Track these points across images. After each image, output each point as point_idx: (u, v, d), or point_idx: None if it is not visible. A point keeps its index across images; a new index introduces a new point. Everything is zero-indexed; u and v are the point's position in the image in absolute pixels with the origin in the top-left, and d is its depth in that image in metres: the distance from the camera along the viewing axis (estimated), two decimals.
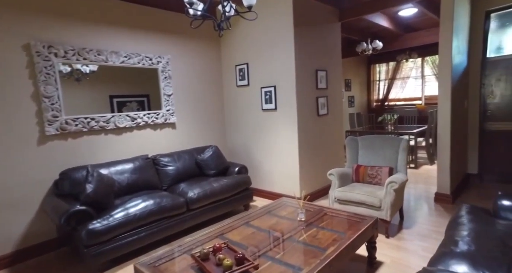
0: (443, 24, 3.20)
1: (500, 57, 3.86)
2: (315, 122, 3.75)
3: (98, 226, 2.16)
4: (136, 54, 3.20)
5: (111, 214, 2.27)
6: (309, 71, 3.63)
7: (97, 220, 2.19)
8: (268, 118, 3.77)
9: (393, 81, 7.79)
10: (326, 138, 3.94)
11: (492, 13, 3.87)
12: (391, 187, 2.58)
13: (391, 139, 3.04)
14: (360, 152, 3.22)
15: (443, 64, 3.25)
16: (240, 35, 3.93)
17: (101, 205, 2.30)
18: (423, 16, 5.08)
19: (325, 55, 3.88)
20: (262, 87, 3.77)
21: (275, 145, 3.74)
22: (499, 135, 3.94)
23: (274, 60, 3.59)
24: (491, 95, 3.96)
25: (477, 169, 4.11)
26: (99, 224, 2.17)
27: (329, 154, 4.02)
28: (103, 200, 2.31)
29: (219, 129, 4.27)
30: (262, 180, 3.98)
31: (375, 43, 5.01)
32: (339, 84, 4.19)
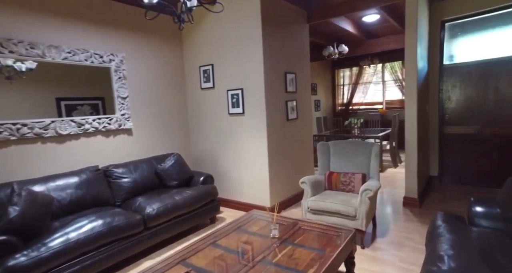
0: (408, 32, 3.23)
1: (453, 64, 4.04)
2: (285, 127, 3.59)
3: (24, 260, 1.73)
4: (82, 50, 2.78)
5: (44, 242, 1.85)
6: (278, 74, 3.46)
7: (23, 252, 1.76)
8: (235, 123, 3.53)
9: (356, 86, 7.99)
10: (296, 144, 3.80)
11: (446, 23, 4.04)
12: (366, 195, 2.47)
13: (363, 144, 2.97)
14: (332, 158, 3.11)
15: (409, 69, 3.28)
16: (204, 34, 3.66)
17: (31, 231, 1.88)
18: (385, 23, 5.21)
19: (294, 58, 3.75)
20: (228, 89, 3.52)
21: (244, 152, 3.51)
22: (456, 139, 4.10)
23: (241, 61, 3.37)
24: (448, 100, 4.12)
25: (438, 171, 4.25)
26: (25, 257, 1.74)
27: (299, 160, 3.88)
28: (34, 224, 1.88)
29: (182, 135, 3.94)
30: (230, 189, 3.71)
31: (341, 47, 5.03)
32: (308, 88, 4.09)
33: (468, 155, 4.04)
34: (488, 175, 3.91)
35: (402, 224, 2.95)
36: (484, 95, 3.87)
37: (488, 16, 3.76)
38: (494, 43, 3.76)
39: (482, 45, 3.84)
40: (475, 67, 3.90)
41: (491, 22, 3.76)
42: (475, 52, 3.89)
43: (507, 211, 1.68)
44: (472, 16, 3.85)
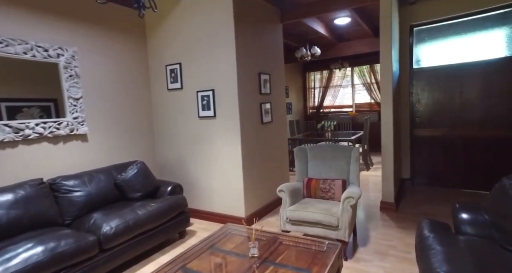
0: (383, 35, 3.18)
1: (422, 68, 4.12)
2: (260, 131, 3.38)
3: None
4: (19, 40, 2.34)
5: None
6: (252, 74, 3.25)
7: None
8: (206, 127, 3.26)
9: (327, 89, 8.05)
10: (271, 148, 3.60)
11: (414, 28, 4.11)
12: (348, 203, 2.33)
13: (342, 148, 2.84)
14: (309, 163, 2.95)
15: (384, 73, 3.23)
16: (171, 30, 3.35)
17: None
18: (356, 26, 5.24)
19: (268, 57, 3.56)
20: (198, 91, 3.24)
21: (215, 158, 3.24)
22: (426, 141, 4.17)
23: (212, 60, 3.11)
24: (418, 104, 4.19)
25: (409, 174, 4.29)
26: None
27: (275, 165, 3.69)
28: None
29: (147, 141, 3.57)
30: (201, 199, 3.41)
31: (314, 49, 4.96)
32: (282, 89, 3.93)
33: (437, 157, 4.12)
34: (456, 176, 4.01)
35: (382, 230, 2.86)
36: (451, 98, 3.97)
37: (453, 22, 3.87)
38: (459, 48, 3.88)
39: (447, 50, 3.95)
40: (441, 71, 3.99)
41: (455, 29, 3.88)
42: (442, 57, 3.99)
43: (497, 219, 1.61)
44: (438, 22, 3.94)
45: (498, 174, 3.75)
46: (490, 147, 3.78)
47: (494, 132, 3.74)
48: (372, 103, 7.46)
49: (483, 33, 3.73)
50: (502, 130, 3.69)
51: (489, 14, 3.67)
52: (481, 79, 3.77)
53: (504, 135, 3.68)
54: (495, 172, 3.76)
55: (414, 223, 2.97)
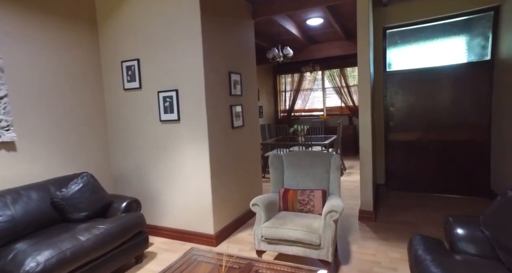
0: (361, 36, 3.02)
1: (395, 71, 4.06)
2: (230, 136, 3.04)
3: None
4: None
5: None
6: (221, 73, 2.92)
7: None
8: (169, 132, 2.85)
9: (298, 92, 7.92)
10: (243, 155, 3.28)
11: (387, 30, 4.05)
12: (331, 217, 2.07)
13: (321, 155, 2.59)
14: (286, 172, 2.67)
15: (362, 75, 3.06)
16: (127, 21, 2.91)
17: None
18: (329, 28, 5.13)
19: (239, 56, 3.25)
20: (160, 91, 2.83)
21: (180, 168, 2.84)
22: (400, 145, 4.11)
23: (175, 56, 2.73)
24: (392, 107, 4.12)
25: (384, 179, 4.20)
26: None
27: (247, 173, 3.37)
28: None
29: (99, 149, 3.07)
30: (163, 214, 2.98)
31: (286, 50, 4.75)
32: (254, 91, 3.63)
33: (411, 161, 4.07)
34: (429, 181, 3.98)
35: (363, 243, 2.64)
36: (423, 102, 3.94)
37: (424, 26, 3.85)
38: (429, 52, 3.86)
39: (419, 53, 3.92)
40: (413, 75, 3.95)
41: (426, 33, 3.86)
42: (414, 60, 3.96)
43: (502, 237, 1.43)
44: (410, 25, 3.91)
45: (469, 178, 3.76)
46: (461, 151, 3.78)
47: (464, 136, 3.75)
48: (343, 107, 7.45)
49: (451, 38, 3.75)
50: (472, 133, 3.70)
51: (455, 20, 3.69)
52: (451, 84, 3.77)
53: (474, 139, 3.70)
54: (466, 176, 3.77)
55: (396, 233, 2.81)
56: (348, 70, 7.23)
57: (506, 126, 3.21)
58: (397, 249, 2.50)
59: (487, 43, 3.58)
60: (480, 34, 3.62)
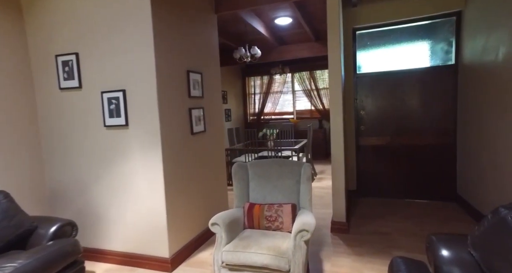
0: (331, 36, 2.81)
1: (365, 74, 3.95)
2: (189, 143, 2.69)
3: None
4: None
5: None
6: (178, 72, 2.56)
7: None
8: (116, 139, 2.43)
9: (267, 95, 7.71)
10: (205, 164, 2.93)
11: (357, 31, 3.93)
12: (302, 238, 1.80)
13: (291, 164, 2.33)
14: (251, 184, 2.37)
15: (333, 77, 2.86)
16: (62, 7, 2.46)
17: None
18: (298, 28, 4.95)
19: (200, 53, 2.91)
20: (104, 91, 2.41)
21: (129, 180, 2.43)
22: (371, 150, 3.99)
23: (122, 50, 2.33)
24: (362, 110, 4.00)
25: (356, 185, 4.06)
26: None
27: (210, 184, 3.02)
28: None
29: (30, 161, 2.56)
30: (108, 235, 2.55)
31: (254, 50, 4.48)
32: (218, 93, 3.31)
33: (382, 167, 3.96)
34: (399, 186, 3.89)
35: (337, 260, 2.41)
36: (393, 106, 3.86)
37: (393, 28, 3.77)
38: (398, 55, 3.79)
39: (388, 56, 3.84)
40: (383, 77, 3.86)
41: (395, 35, 3.79)
42: (383, 62, 3.87)
43: (495, 262, 1.23)
44: (379, 27, 3.82)
45: (437, 183, 3.71)
46: (429, 155, 3.73)
47: (432, 140, 3.70)
48: (313, 110, 7.34)
49: (419, 42, 3.70)
50: (440, 138, 3.67)
51: (421, 24, 3.66)
52: (419, 87, 3.72)
53: (441, 143, 3.66)
54: (435, 180, 3.72)
55: (370, 246, 2.61)
56: (317, 73, 7.14)
57: (470, 130, 3.19)
58: (372, 265, 2.30)
59: (451, 47, 3.57)
60: (444, 38, 3.60)
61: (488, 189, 2.83)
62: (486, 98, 2.82)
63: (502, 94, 2.53)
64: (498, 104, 2.60)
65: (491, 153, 2.74)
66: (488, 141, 2.80)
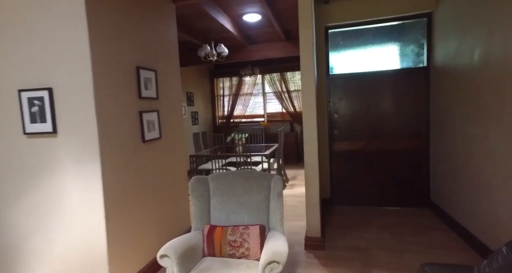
0: (303, 33, 2.53)
1: (338, 75, 3.75)
2: (139, 153, 2.26)
3: None
4: None
5: None
6: (124, 68, 2.13)
7: None
8: (40, 150, 1.95)
9: (237, 97, 7.37)
10: (160, 176, 2.51)
11: (329, 30, 3.72)
12: (271, 271, 1.46)
13: (259, 176, 1.99)
14: (213, 201, 2.00)
15: (306, 78, 2.58)
16: None
17: None
18: (268, 27, 4.67)
19: (154, 47, 2.50)
20: (21, 89, 1.92)
21: (57, 201, 1.95)
22: (345, 156, 3.79)
23: (47, 38, 1.87)
24: (336, 114, 3.79)
25: (329, 193, 3.83)
26: None
27: (168, 200, 2.60)
28: None
29: None
30: (30, 270, 2.03)
31: (220, 48, 4.12)
32: (178, 93, 2.90)
33: (356, 173, 3.77)
34: (374, 194, 3.72)
35: None
36: (367, 108, 3.68)
37: (366, 28, 3.61)
38: (372, 56, 3.63)
39: (362, 57, 3.67)
40: (357, 79, 3.68)
41: (368, 35, 3.63)
42: (357, 63, 3.69)
43: None
44: (352, 26, 3.63)
45: (411, 189, 3.59)
46: (403, 161, 3.60)
47: (406, 145, 3.57)
48: (284, 113, 7.12)
49: (392, 42, 3.57)
50: (413, 142, 3.54)
51: (393, 24, 3.53)
52: (392, 90, 3.58)
53: (415, 148, 3.54)
54: (409, 187, 3.59)
55: (347, 265, 2.35)
56: (288, 74, 6.93)
57: (442, 134, 3.08)
58: None
59: (423, 49, 3.47)
60: (416, 40, 3.50)
61: (461, 195, 2.70)
62: (459, 101, 2.70)
63: (476, 97, 2.40)
64: (471, 108, 2.47)
65: (464, 158, 2.62)
66: (461, 145, 2.68)
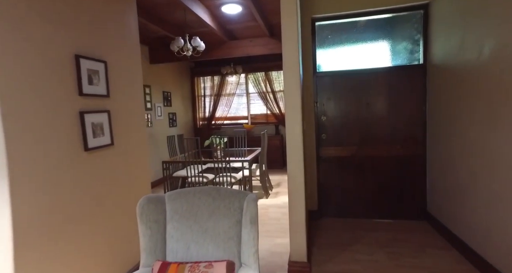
0: (287, 24, 2.13)
1: (326, 73, 3.38)
2: (79, 164, 1.79)
3: None
4: None
5: None
6: (54, 55, 1.66)
7: None
8: None
9: (219, 97, 6.92)
10: (108, 196, 2.04)
11: (317, 22, 3.35)
12: None
13: (229, 196, 1.56)
14: (169, 227, 1.55)
15: (289, 75, 2.18)
16: None
17: None
18: (250, 20, 4.26)
19: (103, 33, 2.04)
20: None
21: None
22: (333, 162, 3.42)
23: None
24: (324, 116, 3.41)
25: (317, 205, 3.44)
26: None
27: (120, 228, 2.13)
28: None
29: None
30: None
31: (196, 41, 3.67)
32: (138, 90, 2.43)
33: (346, 182, 3.39)
34: (366, 204, 3.36)
35: None
36: (357, 110, 3.32)
37: (357, 21, 3.26)
38: (364, 52, 3.28)
39: (353, 52, 3.31)
40: (347, 77, 3.32)
41: (359, 29, 3.27)
42: (346, 60, 3.33)
43: None
44: (341, 18, 3.27)
45: (406, 199, 3.25)
46: (398, 168, 3.25)
47: (400, 150, 3.23)
48: (269, 114, 6.72)
49: (385, 37, 3.23)
50: (408, 148, 3.21)
51: (386, 17, 3.19)
52: (385, 89, 3.24)
53: (410, 154, 3.21)
54: (403, 197, 3.25)
55: None
56: (273, 74, 6.54)
57: (440, 139, 2.75)
58: None
59: (418, 45, 3.15)
60: (411, 34, 3.17)
61: (463, 207, 2.36)
62: (463, 103, 2.37)
63: (485, 98, 2.06)
64: (479, 110, 2.14)
65: (468, 165, 2.28)
66: (463, 151, 2.34)
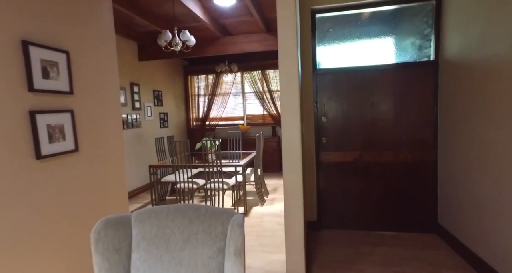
0: (283, 14, 1.83)
1: (327, 70, 3.07)
2: (27, 177, 1.47)
3: None
4: None
5: None
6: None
7: None
8: None
9: (214, 97, 6.61)
10: (68, 214, 1.72)
11: (317, 15, 3.05)
12: None
13: (208, 217, 1.25)
14: (134, 257, 1.24)
15: (286, 73, 1.88)
16: None
17: None
18: (245, 14, 3.95)
19: (64, 16, 1.72)
20: None
21: None
22: (333, 169, 3.11)
23: None
24: (324, 118, 3.11)
25: (316, 215, 3.13)
26: None
27: (73, 257, 1.81)
28: None
29: None
30: None
31: (185, 35, 3.35)
32: (114, 87, 2.11)
33: (348, 189, 3.09)
34: (371, 215, 3.06)
35: None
36: (361, 111, 3.02)
37: (361, 13, 2.96)
38: (369, 47, 2.99)
39: (356, 48, 3.01)
40: (349, 74, 3.02)
41: (364, 21, 2.98)
42: (349, 56, 3.03)
43: None
44: (344, 9, 2.97)
45: (415, 210, 2.95)
46: (407, 175, 2.96)
47: (410, 156, 2.93)
48: (266, 115, 6.42)
49: (392, 31, 2.94)
50: (418, 153, 2.91)
51: (393, 8, 2.90)
52: (392, 88, 2.94)
53: (421, 159, 2.91)
54: (413, 207, 2.95)
55: None
56: (270, 73, 6.24)
57: (455, 143, 2.45)
58: None
59: (429, 40, 2.86)
60: (421, 28, 2.88)
61: (482, 221, 2.07)
62: (486, 103, 2.07)
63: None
64: (501, 110, 1.84)
65: (485, 173, 1.98)
66: (481, 157, 2.04)
